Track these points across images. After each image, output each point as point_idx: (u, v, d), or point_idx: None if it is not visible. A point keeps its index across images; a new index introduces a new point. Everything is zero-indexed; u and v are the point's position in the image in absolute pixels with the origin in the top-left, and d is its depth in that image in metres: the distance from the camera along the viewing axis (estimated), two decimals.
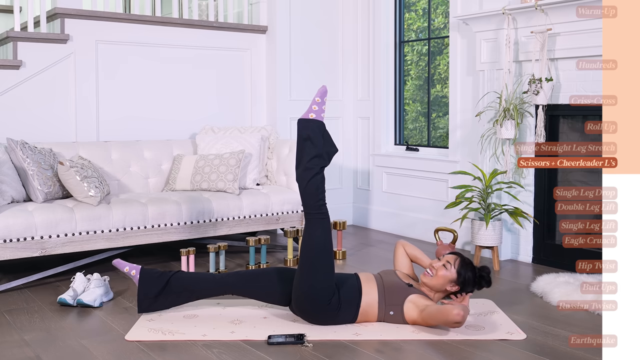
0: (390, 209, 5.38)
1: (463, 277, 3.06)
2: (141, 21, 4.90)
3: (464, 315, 2.87)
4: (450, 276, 3.06)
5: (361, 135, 5.72)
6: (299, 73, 5.51)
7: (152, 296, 3.22)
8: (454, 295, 3.10)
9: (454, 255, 3.14)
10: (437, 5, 5.29)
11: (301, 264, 3.03)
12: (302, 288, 3.00)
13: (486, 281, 3.11)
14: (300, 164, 3.01)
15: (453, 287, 3.07)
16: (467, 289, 3.09)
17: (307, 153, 3.00)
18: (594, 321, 3.16)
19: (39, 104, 4.53)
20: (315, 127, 3.01)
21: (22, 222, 3.64)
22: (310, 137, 2.99)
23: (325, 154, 3.04)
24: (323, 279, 2.99)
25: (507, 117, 4.23)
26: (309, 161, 2.98)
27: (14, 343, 2.90)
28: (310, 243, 3.01)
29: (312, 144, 2.99)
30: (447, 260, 3.10)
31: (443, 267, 3.07)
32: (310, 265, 2.99)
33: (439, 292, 3.10)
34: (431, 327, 3.00)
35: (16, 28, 4.50)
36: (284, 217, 4.60)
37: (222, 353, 2.77)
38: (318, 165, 3.00)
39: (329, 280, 3.00)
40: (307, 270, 3.00)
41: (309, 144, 2.99)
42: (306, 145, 3.00)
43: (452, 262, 3.08)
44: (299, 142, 3.03)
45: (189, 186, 4.52)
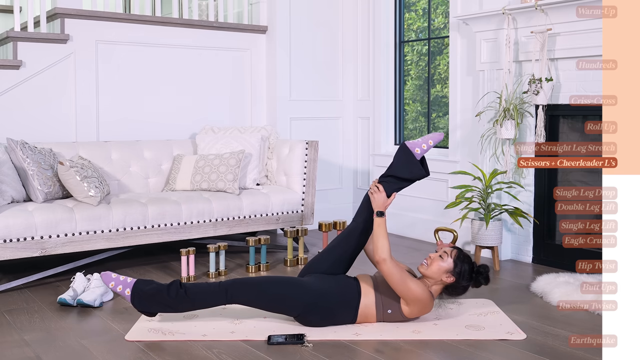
0: (390, 209, 5.37)
1: (459, 268, 3.04)
2: (141, 21, 4.90)
3: (422, 300, 2.99)
4: (446, 266, 3.05)
5: (361, 135, 5.72)
6: (299, 73, 5.51)
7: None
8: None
9: (453, 247, 3.14)
10: (437, 5, 5.29)
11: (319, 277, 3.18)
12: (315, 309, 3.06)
13: (484, 277, 3.09)
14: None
15: (449, 278, 3.05)
16: (462, 282, 3.06)
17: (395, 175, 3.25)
18: (594, 321, 3.15)
19: (39, 104, 4.53)
20: (409, 159, 3.24)
21: (22, 222, 3.64)
22: (402, 168, 3.24)
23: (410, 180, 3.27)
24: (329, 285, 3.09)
25: (507, 117, 4.23)
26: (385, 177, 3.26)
27: (14, 343, 2.90)
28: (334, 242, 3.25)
29: (403, 173, 3.24)
30: (444, 251, 3.09)
31: (439, 257, 3.06)
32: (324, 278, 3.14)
33: (436, 283, 3.09)
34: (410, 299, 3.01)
35: (16, 28, 4.50)
36: (284, 217, 4.60)
37: (222, 353, 2.77)
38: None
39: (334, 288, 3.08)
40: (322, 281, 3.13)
41: (400, 171, 3.25)
42: (395, 170, 3.25)
43: (449, 252, 3.08)
44: (392, 166, 3.27)
45: (189, 186, 4.52)
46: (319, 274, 3.17)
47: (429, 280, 3.09)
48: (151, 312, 3.09)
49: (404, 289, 2.96)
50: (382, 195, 3.16)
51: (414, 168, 3.21)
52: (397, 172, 3.23)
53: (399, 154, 3.25)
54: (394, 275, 2.95)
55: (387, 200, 3.17)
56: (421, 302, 3.01)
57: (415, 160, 3.21)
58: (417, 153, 3.22)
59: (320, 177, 5.54)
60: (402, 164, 3.23)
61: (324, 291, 3.04)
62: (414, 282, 2.99)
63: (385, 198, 3.17)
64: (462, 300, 3.49)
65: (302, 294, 3.02)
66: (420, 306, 3.03)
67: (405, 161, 3.22)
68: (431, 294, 3.06)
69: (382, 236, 3.02)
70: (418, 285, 3.00)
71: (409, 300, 3.00)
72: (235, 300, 3.03)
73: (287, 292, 3.01)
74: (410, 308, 3.03)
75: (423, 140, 3.24)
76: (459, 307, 3.38)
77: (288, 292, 3.02)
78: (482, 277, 3.09)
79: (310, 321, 3.04)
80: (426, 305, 3.04)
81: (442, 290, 3.12)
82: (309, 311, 3.02)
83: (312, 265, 3.24)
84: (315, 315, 3.02)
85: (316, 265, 3.23)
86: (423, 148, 3.22)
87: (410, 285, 2.97)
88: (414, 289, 2.98)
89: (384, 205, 3.15)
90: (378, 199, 3.15)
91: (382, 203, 3.15)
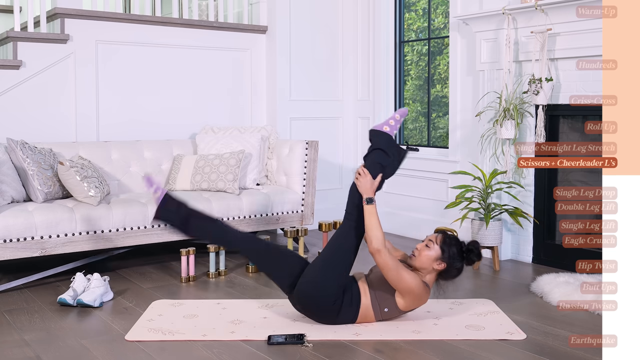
0: (390, 208, 5.38)
1: (447, 253, 3.02)
2: (141, 21, 4.90)
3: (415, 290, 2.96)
4: (434, 254, 3.03)
5: (361, 135, 5.72)
6: (299, 73, 5.51)
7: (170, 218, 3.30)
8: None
9: (437, 233, 3.11)
10: (437, 5, 5.29)
11: (317, 258, 3.11)
12: (308, 281, 3.01)
13: (475, 254, 3.06)
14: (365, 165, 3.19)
15: (440, 265, 3.03)
16: (455, 264, 3.04)
17: (377, 159, 3.17)
18: (594, 321, 3.16)
19: (39, 104, 4.53)
20: (385, 140, 3.19)
21: (22, 222, 3.65)
22: (382, 148, 3.17)
23: (395, 161, 3.21)
24: (330, 277, 2.99)
25: (507, 117, 4.23)
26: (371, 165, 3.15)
27: (14, 343, 2.90)
28: (333, 240, 3.10)
29: (384, 154, 3.17)
30: (429, 239, 3.07)
31: (425, 247, 3.05)
32: (323, 261, 3.04)
33: (429, 273, 3.07)
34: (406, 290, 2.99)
35: (16, 28, 4.50)
36: (284, 217, 4.60)
37: (222, 353, 2.77)
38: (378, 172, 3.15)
39: (336, 281, 3.00)
40: (320, 265, 3.04)
41: (380, 153, 3.17)
42: (376, 153, 3.17)
43: (434, 240, 3.06)
44: (369, 150, 3.21)
45: (189, 186, 4.52)
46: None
47: (421, 271, 3.07)
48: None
49: (397, 279, 2.93)
50: (369, 179, 3.08)
51: (391, 141, 3.20)
52: (377, 145, 3.18)
53: (374, 138, 3.23)
54: (388, 265, 2.92)
55: (374, 182, 3.10)
56: (415, 293, 2.98)
57: (390, 137, 3.20)
58: (388, 130, 3.21)
59: (320, 177, 5.54)
60: (381, 141, 3.19)
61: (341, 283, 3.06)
62: (407, 273, 2.97)
63: (372, 180, 3.09)
64: (462, 300, 3.50)
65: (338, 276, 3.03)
66: (415, 297, 3.00)
67: (385, 140, 3.19)
68: (426, 284, 3.04)
69: (375, 226, 2.98)
70: (412, 276, 2.97)
71: (403, 291, 2.98)
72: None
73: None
74: (405, 300, 3.01)
75: (389, 119, 3.25)
76: (459, 307, 3.38)
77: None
78: (474, 255, 3.06)
79: (328, 310, 3.02)
80: (421, 296, 3.02)
81: (437, 277, 3.10)
82: (338, 296, 3.01)
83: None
84: (338, 302, 3.02)
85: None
86: (390, 124, 3.21)
87: (404, 276, 2.94)
88: (408, 279, 2.95)
89: (372, 189, 3.07)
90: (365, 183, 3.07)
91: (369, 187, 3.07)
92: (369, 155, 3.20)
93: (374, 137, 3.22)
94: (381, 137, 3.20)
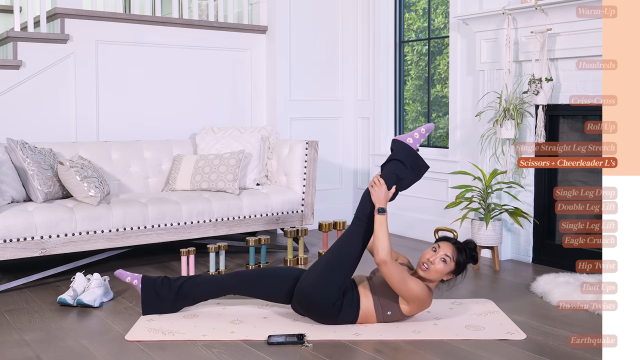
0: (390, 209, 5.34)
1: (462, 267, 3.09)
2: (141, 21, 4.90)
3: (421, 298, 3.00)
4: (449, 269, 3.06)
5: (361, 135, 5.72)
6: (299, 73, 5.51)
7: (155, 304, 3.24)
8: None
9: (448, 244, 3.10)
10: (437, 5, 5.28)
11: (321, 259, 3.11)
12: (310, 282, 3.02)
13: (475, 261, 3.14)
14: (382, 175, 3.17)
15: (449, 276, 3.10)
16: (459, 272, 3.12)
17: (394, 170, 3.16)
18: (594, 321, 3.16)
19: (39, 104, 4.53)
20: (406, 151, 3.19)
21: (22, 222, 3.65)
22: (401, 159, 3.16)
23: (412, 174, 3.20)
24: (332, 280, 3.00)
25: (507, 117, 4.23)
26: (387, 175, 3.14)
27: (14, 343, 2.90)
28: (339, 243, 3.11)
29: (402, 165, 3.16)
30: (445, 254, 3.05)
31: (442, 262, 3.05)
32: (327, 263, 3.05)
33: (435, 281, 3.11)
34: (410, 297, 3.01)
35: (16, 28, 4.50)
36: (284, 217, 4.60)
37: (222, 353, 2.77)
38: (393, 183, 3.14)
39: (338, 284, 3.00)
40: (324, 267, 3.04)
41: (399, 164, 3.16)
42: (394, 164, 3.17)
43: (450, 255, 3.06)
44: (388, 159, 3.20)
45: (189, 186, 4.52)
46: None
47: (429, 281, 3.09)
48: (156, 302, 3.23)
49: (404, 289, 2.97)
50: (384, 189, 3.09)
51: (412, 153, 3.20)
52: (397, 156, 3.18)
53: (395, 148, 3.23)
54: (394, 276, 2.94)
55: (389, 193, 3.10)
56: (421, 300, 3.02)
57: (412, 149, 3.21)
58: (410, 142, 3.21)
59: (320, 177, 5.54)
60: (402, 152, 3.20)
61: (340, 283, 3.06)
62: (413, 281, 2.99)
63: (387, 191, 3.09)
64: (462, 300, 3.50)
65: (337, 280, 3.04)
66: (420, 304, 3.04)
67: (406, 151, 3.20)
68: (429, 288, 3.07)
69: (383, 236, 2.99)
70: (417, 284, 3.00)
71: (409, 299, 3.00)
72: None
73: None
74: (410, 307, 3.04)
75: (414, 131, 3.26)
76: (459, 307, 3.38)
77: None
78: (473, 261, 3.14)
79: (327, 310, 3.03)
80: (425, 302, 3.05)
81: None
82: (339, 297, 3.02)
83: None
84: (338, 303, 3.03)
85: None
86: (415, 137, 3.22)
87: (411, 285, 2.97)
88: (414, 288, 2.98)
89: (385, 199, 3.08)
90: (379, 193, 3.07)
91: (383, 197, 3.07)
92: (386, 164, 3.20)
93: (395, 147, 3.21)
94: (403, 148, 3.19)
